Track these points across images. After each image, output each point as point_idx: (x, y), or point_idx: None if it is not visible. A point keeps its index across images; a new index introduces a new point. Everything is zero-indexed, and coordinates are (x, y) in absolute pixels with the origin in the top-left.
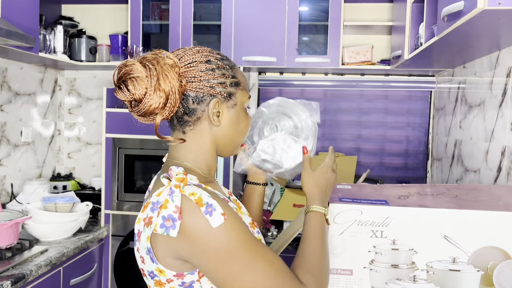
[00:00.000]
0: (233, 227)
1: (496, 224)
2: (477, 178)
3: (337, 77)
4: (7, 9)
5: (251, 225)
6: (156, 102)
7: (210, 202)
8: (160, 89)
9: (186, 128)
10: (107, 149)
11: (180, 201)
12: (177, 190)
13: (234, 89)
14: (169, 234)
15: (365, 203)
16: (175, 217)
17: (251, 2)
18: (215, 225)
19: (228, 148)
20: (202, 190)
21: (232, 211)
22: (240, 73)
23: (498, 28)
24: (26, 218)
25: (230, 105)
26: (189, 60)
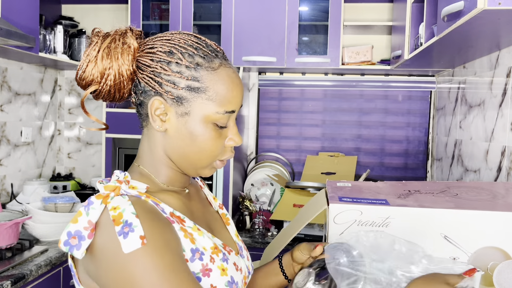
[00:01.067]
0: (152, 256)
1: (496, 224)
2: (477, 178)
3: (337, 77)
4: (7, 9)
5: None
6: (88, 75)
7: (129, 221)
8: (96, 63)
9: (142, 122)
10: (107, 149)
11: (99, 215)
12: (97, 202)
13: (189, 93)
14: (72, 253)
15: (365, 203)
16: (83, 235)
17: (251, 2)
18: (127, 250)
19: (183, 164)
20: (129, 205)
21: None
22: (215, 79)
23: (498, 28)
24: (26, 218)
25: (180, 112)
26: (151, 45)
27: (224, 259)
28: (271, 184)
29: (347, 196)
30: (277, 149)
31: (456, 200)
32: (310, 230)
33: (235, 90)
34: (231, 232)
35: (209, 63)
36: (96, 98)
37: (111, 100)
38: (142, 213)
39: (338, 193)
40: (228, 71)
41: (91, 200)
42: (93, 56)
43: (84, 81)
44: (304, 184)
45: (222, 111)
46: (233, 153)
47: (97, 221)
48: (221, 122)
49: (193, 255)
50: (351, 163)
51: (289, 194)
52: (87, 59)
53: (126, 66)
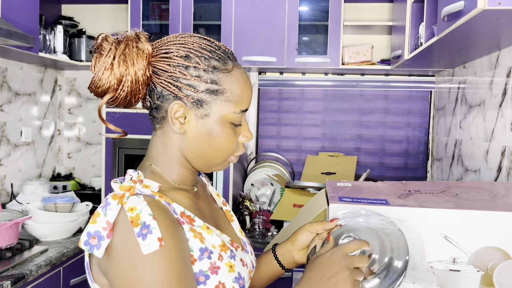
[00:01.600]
0: (169, 258)
1: (496, 224)
2: (477, 178)
3: (337, 77)
4: (7, 9)
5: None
6: (105, 83)
7: (147, 222)
8: (112, 70)
9: (156, 124)
10: (107, 149)
11: (116, 215)
12: (114, 202)
13: (209, 96)
14: (93, 253)
15: (365, 203)
16: (102, 235)
17: (251, 2)
18: (146, 251)
19: (199, 163)
20: (145, 205)
21: (176, 238)
22: (231, 80)
23: (498, 28)
24: (26, 218)
25: (200, 114)
26: (165, 50)
27: (231, 256)
28: (271, 184)
29: (347, 196)
30: (277, 149)
31: (456, 200)
32: None
33: (248, 89)
34: (235, 228)
35: (224, 66)
36: (111, 105)
37: (125, 105)
38: (158, 215)
39: (338, 193)
40: (241, 71)
41: (107, 201)
42: (109, 63)
43: (100, 89)
44: (304, 184)
45: (238, 110)
46: (245, 148)
47: (114, 221)
48: (236, 121)
49: (201, 254)
50: (351, 163)
51: (289, 194)
52: (102, 66)
53: (142, 71)
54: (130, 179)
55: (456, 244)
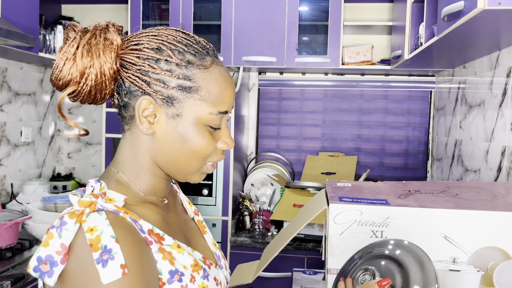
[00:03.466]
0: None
1: (496, 224)
2: (477, 178)
3: (337, 77)
4: (7, 9)
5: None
6: (66, 75)
7: (109, 246)
8: (75, 62)
9: (124, 125)
10: (107, 149)
11: (73, 237)
12: (71, 221)
13: (180, 93)
14: (43, 280)
15: (365, 203)
16: (56, 260)
17: (251, 2)
18: (106, 281)
19: (171, 170)
20: (107, 225)
21: (141, 263)
22: (207, 78)
23: (498, 28)
24: (26, 218)
25: (171, 113)
26: (136, 41)
27: (204, 276)
28: (271, 184)
29: (347, 196)
30: (277, 149)
31: (456, 200)
32: (310, 230)
33: (228, 89)
34: (208, 242)
35: (200, 61)
36: (74, 100)
37: (91, 102)
38: (121, 237)
39: (338, 193)
40: (221, 69)
41: (63, 219)
42: (71, 54)
43: (61, 81)
44: (304, 184)
45: (215, 111)
46: (224, 155)
47: (71, 243)
48: (214, 123)
49: (171, 277)
50: (351, 163)
51: (289, 194)
52: (64, 56)
53: (108, 64)
54: (91, 191)
55: (456, 244)
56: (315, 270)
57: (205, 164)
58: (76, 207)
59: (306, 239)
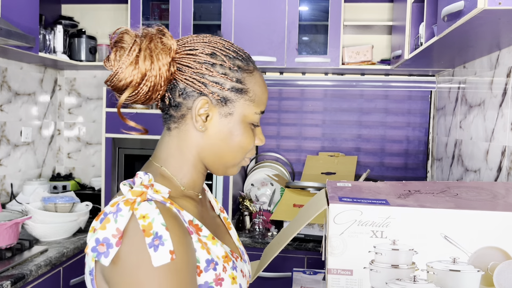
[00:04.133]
0: (178, 273)
1: (497, 224)
2: (477, 178)
3: (337, 77)
4: (7, 9)
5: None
6: (127, 78)
7: (160, 233)
8: (137, 66)
9: (171, 124)
10: (107, 149)
11: (126, 222)
12: (125, 208)
13: (233, 95)
14: (100, 260)
15: (365, 203)
16: (111, 243)
17: (251, 2)
18: (157, 264)
19: (215, 164)
20: (158, 213)
21: (185, 251)
22: (253, 81)
23: (498, 28)
24: (26, 218)
25: (224, 112)
26: (190, 47)
27: (233, 267)
28: (271, 184)
29: (347, 196)
30: (277, 149)
31: (456, 200)
32: (310, 230)
33: (266, 91)
34: (233, 237)
35: (247, 66)
36: (129, 101)
37: (143, 102)
38: (170, 225)
39: (338, 193)
40: (260, 74)
41: (119, 206)
42: (134, 57)
43: (122, 82)
44: (304, 184)
45: (258, 111)
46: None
47: (124, 228)
48: (255, 122)
49: (207, 265)
50: (351, 163)
51: (289, 194)
52: (126, 60)
53: (166, 67)
54: (140, 183)
55: (456, 244)
56: (315, 270)
57: (244, 158)
58: (129, 196)
59: (306, 239)
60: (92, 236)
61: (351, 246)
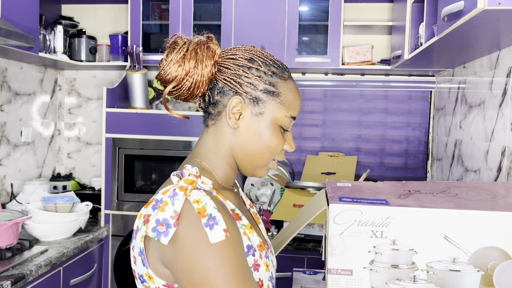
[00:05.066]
0: (232, 248)
1: (497, 224)
2: (477, 178)
3: (337, 77)
4: (7, 9)
5: (259, 247)
6: (173, 73)
7: (213, 215)
8: (182, 64)
9: (209, 121)
10: (107, 149)
11: (182, 206)
12: (181, 194)
13: (266, 96)
14: (159, 240)
15: (365, 203)
16: (170, 223)
17: (251, 2)
18: (214, 241)
19: (245, 162)
20: (209, 199)
21: (236, 231)
22: (286, 87)
23: (498, 28)
24: (26, 218)
25: (255, 112)
26: (232, 53)
27: (266, 256)
28: (271, 184)
29: (347, 196)
30: None
31: (456, 200)
32: (310, 230)
33: (299, 99)
34: (262, 230)
35: (282, 73)
36: (172, 94)
37: (186, 98)
38: (221, 209)
39: (338, 193)
40: (295, 83)
41: (175, 191)
42: (181, 56)
43: (169, 76)
44: (304, 184)
45: (289, 115)
46: (285, 156)
47: (180, 211)
48: (285, 125)
49: (248, 250)
50: (351, 163)
51: (289, 194)
52: (175, 57)
53: (208, 67)
54: (189, 174)
55: (456, 244)
56: (315, 270)
57: (271, 160)
58: (182, 183)
59: (306, 239)
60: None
61: (351, 246)
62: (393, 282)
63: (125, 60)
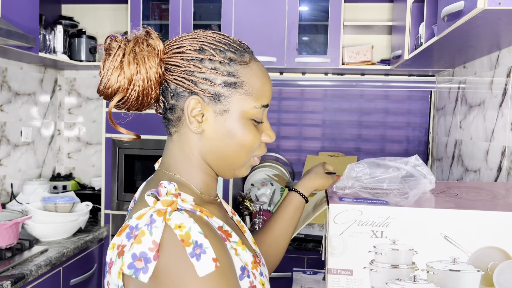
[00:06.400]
0: (224, 279)
1: (497, 224)
2: (477, 178)
3: (337, 77)
4: (7, 9)
5: (253, 264)
6: (114, 84)
7: (200, 241)
8: (122, 71)
9: (170, 128)
10: (107, 149)
11: (161, 234)
12: (159, 219)
13: (226, 90)
14: (138, 277)
15: (365, 203)
16: (149, 257)
17: (251, 2)
18: (202, 273)
19: (221, 167)
20: (193, 222)
21: (227, 258)
22: (249, 73)
23: (498, 28)
24: (26, 218)
25: (219, 110)
26: (178, 45)
27: (260, 273)
28: (271, 184)
29: (347, 196)
30: (277, 149)
31: (456, 200)
32: (310, 230)
33: (268, 83)
34: (249, 240)
35: (241, 58)
36: (120, 108)
37: (138, 108)
38: (207, 233)
39: (338, 194)
40: (259, 64)
41: (153, 217)
42: (118, 62)
43: (110, 89)
44: None
45: (259, 105)
46: (266, 149)
47: (160, 241)
48: (257, 117)
49: (242, 273)
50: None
51: None
52: (111, 65)
53: (154, 69)
54: (166, 192)
55: (456, 244)
56: (315, 270)
57: (251, 157)
58: (159, 206)
59: (306, 239)
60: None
61: (351, 246)
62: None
63: None
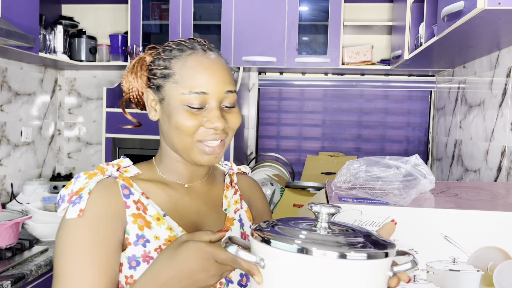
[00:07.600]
0: (82, 230)
1: (496, 224)
2: (477, 178)
3: (337, 77)
4: (7, 9)
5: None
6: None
7: (83, 195)
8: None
9: None
10: (107, 149)
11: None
12: (83, 176)
13: (161, 80)
14: (58, 210)
15: (365, 203)
16: (65, 199)
17: (251, 2)
18: (68, 216)
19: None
20: (94, 182)
21: (100, 216)
22: (181, 64)
23: (498, 28)
24: (26, 218)
25: (159, 99)
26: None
27: None
28: (271, 184)
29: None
30: (277, 149)
31: (456, 200)
32: None
33: (203, 72)
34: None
35: (180, 53)
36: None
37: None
38: (96, 192)
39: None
40: (200, 57)
41: (79, 174)
42: (125, 73)
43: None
44: (304, 184)
45: (187, 91)
46: (217, 135)
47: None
48: (190, 102)
49: (137, 239)
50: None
51: (289, 194)
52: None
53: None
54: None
55: (456, 244)
56: None
57: (196, 142)
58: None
59: None
60: None
61: None
62: None
63: (125, 60)
